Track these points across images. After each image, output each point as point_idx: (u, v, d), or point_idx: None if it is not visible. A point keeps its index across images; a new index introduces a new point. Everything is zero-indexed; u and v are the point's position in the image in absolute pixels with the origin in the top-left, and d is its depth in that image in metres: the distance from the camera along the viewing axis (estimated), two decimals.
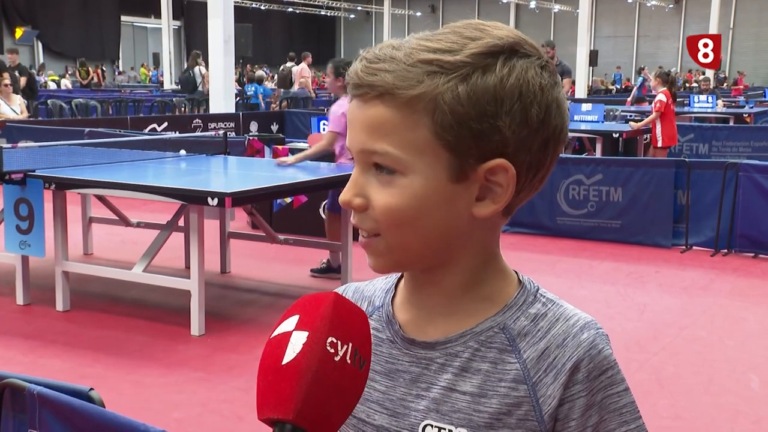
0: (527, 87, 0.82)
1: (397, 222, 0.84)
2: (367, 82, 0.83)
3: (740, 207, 6.63)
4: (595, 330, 0.87)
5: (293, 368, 0.72)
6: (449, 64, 0.81)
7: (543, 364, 0.85)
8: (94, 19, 36.13)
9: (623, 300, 5.47)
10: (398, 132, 0.82)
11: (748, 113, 14.30)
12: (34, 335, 4.59)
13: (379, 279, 1.01)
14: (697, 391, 3.94)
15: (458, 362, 0.87)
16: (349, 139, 0.87)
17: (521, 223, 7.25)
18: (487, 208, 0.85)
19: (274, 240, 5.72)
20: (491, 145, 0.82)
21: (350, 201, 0.85)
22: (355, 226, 0.88)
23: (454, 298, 0.89)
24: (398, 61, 0.82)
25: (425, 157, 0.82)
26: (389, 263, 0.88)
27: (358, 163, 0.86)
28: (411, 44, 0.84)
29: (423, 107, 0.81)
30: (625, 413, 0.86)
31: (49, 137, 8.55)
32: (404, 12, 44.41)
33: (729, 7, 35.69)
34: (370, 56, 0.84)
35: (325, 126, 7.50)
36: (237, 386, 3.86)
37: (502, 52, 0.83)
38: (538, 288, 0.91)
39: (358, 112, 0.85)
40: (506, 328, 0.87)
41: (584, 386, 0.84)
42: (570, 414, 0.84)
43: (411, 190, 0.83)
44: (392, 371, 0.91)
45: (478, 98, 0.81)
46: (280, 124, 13.91)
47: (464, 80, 0.81)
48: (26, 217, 4.80)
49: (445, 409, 0.87)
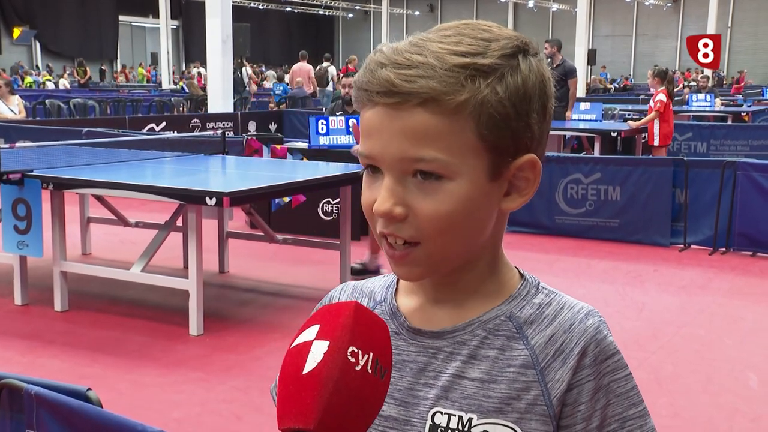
0: (544, 83, 0.87)
1: (445, 228, 0.84)
2: (406, 89, 0.81)
3: (738, 206, 6.63)
4: (599, 317, 0.90)
5: (314, 378, 0.72)
6: (486, 66, 0.83)
7: (551, 349, 0.87)
8: (92, 18, 36.13)
9: (622, 299, 5.48)
10: (445, 137, 0.82)
11: (746, 112, 14.31)
12: (32, 335, 4.59)
13: (377, 277, 1.02)
14: (696, 389, 3.95)
15: (466, 350, 0.89)
16: (374, 148, 0.84)
17: (520, 222, 7.25)
18: (515, 201, 0.88)
19: (273, 240, 5.71)
20: (523, 142, 0.86)
21: (391, 211, 0.83)
22: (389, 235, 0.85)
23: (465, 293, 0.91)
24: (432, 66, 0.82)
25: (469, 160, 0.83)
26: (426, 271, 0.88)
27: (392, 171, 0.84)
28: (432, 48, 0.83)
29: (469, 112, 0.82)
30: (632, 396, 0.88)
31: (47, 137, 8.55)
32: (403, 11, 44.41)
33: (727, 6, 35.72)
34: (389, 62, 0.83)
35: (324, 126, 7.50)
36: (235, 386, 3.86)
37: (519, 52, 0.86)
38: (539, 281, 0.94)
39: (390, 121, 0.83)
40: (513, 317, 0.89)
41: (592, 370, 0.87)
42: (579, 398, 0.86)
43: (459, 194, 0.83)
44: (399, 362, 0.91)
45: (514, 98, 0.84)
46: (279, 124, 13.91)
47: (501, 81, 0.83)
48: (24, 217, 4.79)
49: (454, 396, 0.88)
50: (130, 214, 6.53)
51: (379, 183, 0.85)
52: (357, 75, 0.87)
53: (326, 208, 7.16)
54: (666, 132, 9.45)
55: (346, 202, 5.42)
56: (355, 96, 0.87)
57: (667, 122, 9.45)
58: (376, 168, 0.85)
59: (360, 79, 0.85)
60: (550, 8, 41.05)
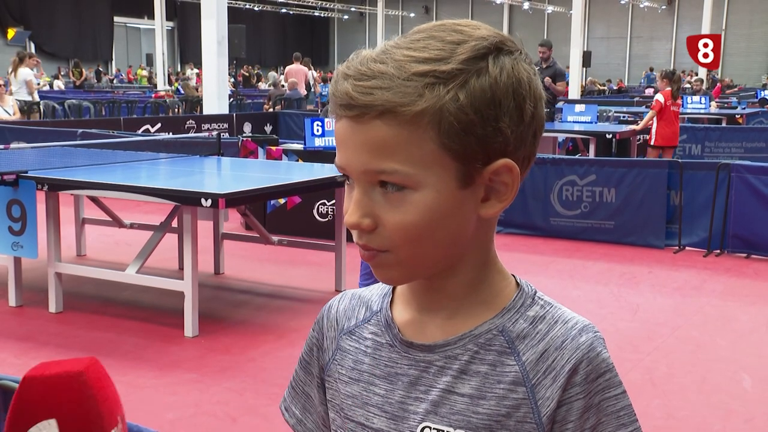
0: (519, 84, 0.83)
1: (413, 237, 0.83)
2: (362, 102, 0.80)
3: (733, 207, 6.65)
4: (593, 333, 0.87)
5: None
6: (445, 73, 0.80)
7: (542, 366, 0.86)
8: (87, 19, 36.07)
9: (616, 300, 5.49)
10: (404, 148, 0.81)
11: (740, 114, 14.36)
12: (26, 337, 4.58)
13: (377, 284, 1.00)
14: (690, 390, 3.96)
15: (457, 365, 0.88)
16: (343, 160, 0.85)
17: (514, 223, 7.26)
18: (493, 207, 0.86)
19: (268, 241, 5.71)
20: (495, 147, 0.82)
21: (359, 223, 0.83)
22: (363, 247, 0.86)
23: (456, 301, 0.89)
24: (391, 76, 0.80)
25: (434, 169, 0.81)
26: (402, 275, 0.87)
27: (359, 183, 0.84)
28: (396, 56, 0.81)
29: (428, 121, 0.80)
30: (622, 416, 0.86)
31: (42, 138, 8.53)
32: (398, 13, 44.45)
33: (721, 8, 35.81)
34: (354, 73, 0.82)
35: (320, 126, 7.50)
36: (230, 387, 3.86)
37: (489, 53, 0.82)
38: (536, 291, 0.91)
39: (352, 133, 0.82)
40: (505, 331, 0.88)
41: (582, 389, 0.85)
42: (567, 416, 0.85)
43: (424, 204, 0.82)
44: (391, 374, 0.91)
45: (479, 103, 0.80)
46: (274, 126, 13.91)
47: (463, 87, 0.80)
48: (19, 219, 4.78)
49: (443, 411, 0.87)
50: (125, 215, 6.52)
51: (353, 193, 0.85)
52: (329, 86, 0.87)
53: (321, 209, 7.16)
54: (664, 132, 9.42)
55: (342, 203, 5.42)
56: (328, 108, 0.87)
57: (667, 122, 9.42)
58: (350, 178, 0.85)
59: (329, 91, 0.86)
60: (545, 10, 41.12)
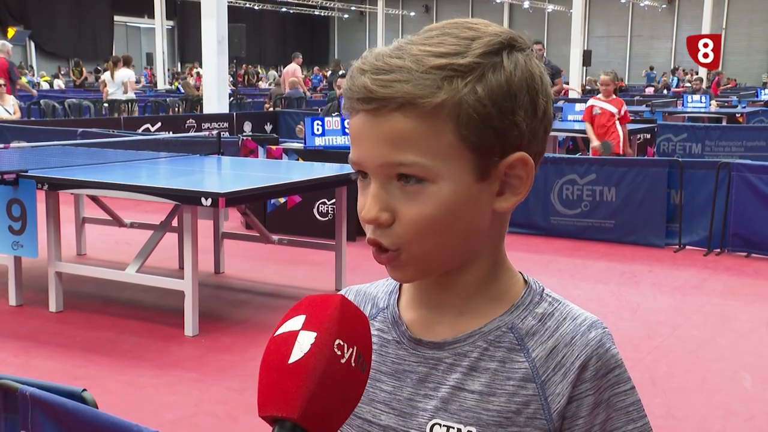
0: (532, 79, 0.85)
1: (427, 231, 0.83)
2: (381, 95, 0.81)
3: (733, 206, 6.65)
4: (602, 329, 0.88)
5: (300, 368, 0.72)
6: (463, 66, 0.81)
7: (551, 362, 0.86)
8: (87, 18, 36.05)
9: (616, 299, 5.49)
10: (423, 140, 0.81)
11: (740, 113, 14.35)
12: (26, 336, 4.58)
13: (381, 281, 1.01)
14: (690, 389, 3.96)
15: (467, 362, 0.88)
16: (360, 155, 0.85)
17: (515, 222, 7.25)
18: (508, 201, 0.87)
19: (268, 240, 5.71)
20: (511, 140, 0.84)
21: (377, 217, 0.83)
22: (374, 243, 0.85)
23: (465, 298, 0.90)
24: (409, 69, 0.81)
25: (452, 161, 0.82)
26: (417, 273, 0.87)
27: (377, 177, 0.84)
28: (412, 51, 0.82)
29: (447, 113, 0.81)
30: (631, 411, 0.87)
31: (42, 137, 8.52)
32: (398, 12, 44.43)
33: (722, 8, 35.81)
34: (370, 68, 0.83)
35: (319, 126, 7.50)
36: (230, 387, 3.86)
37: (503, 48, 0.84)
38: (544, 288, 0.92)
39: (371, 126, 0.83)
40: (514, 328, 0.88)
41: (592, 384, 0.85)
42: (578, 412, 0.85)
43: (442, 196, 0.82)
44: (399, 371, 0.91)
45: (496, 96, 0.82)
46: (274, 125, 13.91)
47: (480, 80, 0.82)
48: (19, 218, 4.78)
49: (453, 408, 0.87)
50: (126, 214, 6.52)
51: (370, 188, 0.85)
52: (344, 82, 0.87)
53: (322, 208, 7.16)
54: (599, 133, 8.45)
55: (342, 202, 5.42)
56: (343, 104, 0.87)
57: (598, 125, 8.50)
58: (365, 173, 0.85)
59: (344, 87, 0.86)
60: (545, 9, 41.11)
